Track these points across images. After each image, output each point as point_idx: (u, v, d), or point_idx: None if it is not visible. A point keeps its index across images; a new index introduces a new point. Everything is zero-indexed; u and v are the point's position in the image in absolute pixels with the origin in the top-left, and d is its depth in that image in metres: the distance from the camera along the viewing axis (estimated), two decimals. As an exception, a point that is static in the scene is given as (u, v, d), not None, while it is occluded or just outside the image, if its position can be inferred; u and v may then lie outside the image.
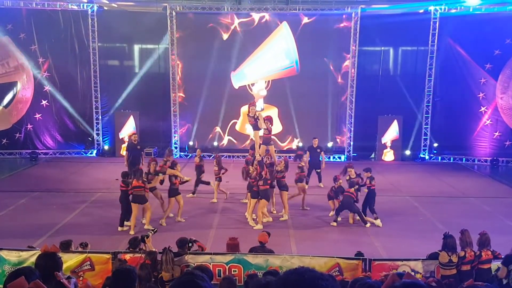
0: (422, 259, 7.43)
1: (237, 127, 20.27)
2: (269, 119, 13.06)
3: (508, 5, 18.50)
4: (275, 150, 15.27)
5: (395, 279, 2.93)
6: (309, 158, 15.35)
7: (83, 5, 19.72)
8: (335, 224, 11.98)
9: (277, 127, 20.07)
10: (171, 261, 6.94)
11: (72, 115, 20.23)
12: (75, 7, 19.78)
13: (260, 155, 12.25)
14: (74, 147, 20.56)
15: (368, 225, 11.84)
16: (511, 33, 18.66)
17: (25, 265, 6.71)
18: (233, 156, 19.51)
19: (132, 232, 10.89)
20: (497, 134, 19.45)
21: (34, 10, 19.47)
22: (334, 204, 12.44)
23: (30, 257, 7.17)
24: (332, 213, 12.47)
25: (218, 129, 20.14)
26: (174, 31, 19.72)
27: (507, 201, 14.44)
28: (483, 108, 19.47)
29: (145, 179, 11.41)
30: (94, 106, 20.28)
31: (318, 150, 15.59)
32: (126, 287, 4.16)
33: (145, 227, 11.31)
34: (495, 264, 7.51)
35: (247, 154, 13.89)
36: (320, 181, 15.47)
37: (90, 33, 19.73)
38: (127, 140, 17.18)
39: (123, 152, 20.10)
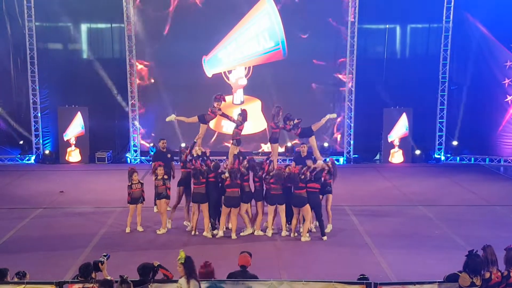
0: (438, 281, 7.51)
1: (212, 125, 20.24)
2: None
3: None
4: (259, 153, 15.20)
5: None
6: None
7: (16, -25, 19.56)
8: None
9: (261, 124, 20.15)
10: (130, 292, 6.88)
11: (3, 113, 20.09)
12: (6, -22, 19.61)
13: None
14: (7, 153, 20.35)
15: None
16: (542, 7, 19.03)
17: None
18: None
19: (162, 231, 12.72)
20: (527, 128, 19.83)
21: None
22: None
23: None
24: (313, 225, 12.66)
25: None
26: (131, 6, 19.63)
27: (539, 209, 14.70)
28: (509, 98, 19.78)
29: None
30: (31, 101, 20.07)
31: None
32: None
33: (184, 222, 13.00)
34: (525, 286, 7.63)
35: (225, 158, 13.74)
36: None
37: (25, 9, 19.49)
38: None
39: (69, 157, 20.09)
